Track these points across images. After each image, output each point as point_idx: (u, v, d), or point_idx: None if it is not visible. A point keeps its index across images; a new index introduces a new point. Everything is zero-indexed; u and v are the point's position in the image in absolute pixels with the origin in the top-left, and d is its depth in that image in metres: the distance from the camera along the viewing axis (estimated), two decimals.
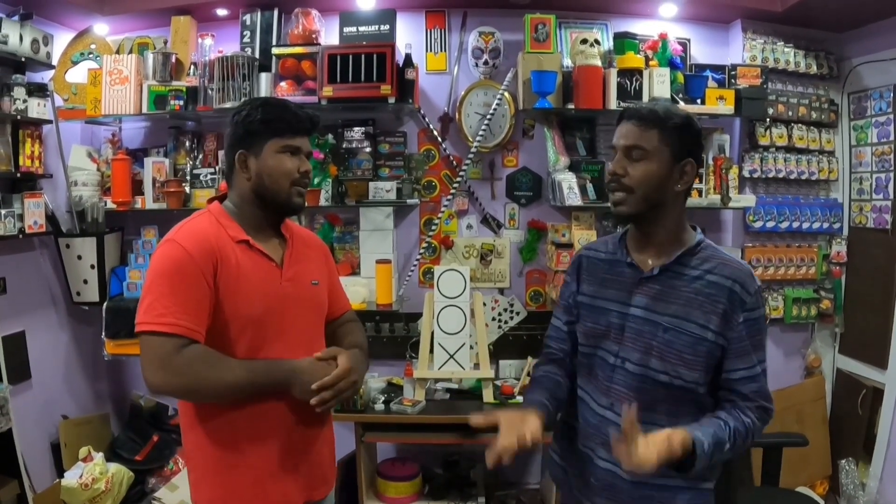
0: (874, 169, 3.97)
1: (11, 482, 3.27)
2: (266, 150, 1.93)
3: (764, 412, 1.80)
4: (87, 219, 3.84)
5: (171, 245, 1.85)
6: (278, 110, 1.94)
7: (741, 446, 1.76)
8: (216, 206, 2.02)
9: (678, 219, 1.88)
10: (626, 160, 1.83)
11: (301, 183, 1.98)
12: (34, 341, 3.72)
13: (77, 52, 3.94)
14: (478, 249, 4.05)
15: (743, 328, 1.77)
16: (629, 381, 1.85)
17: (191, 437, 1.97)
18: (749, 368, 1.78)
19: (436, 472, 3.90)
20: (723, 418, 1.76)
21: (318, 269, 2.14)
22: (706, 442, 1.68)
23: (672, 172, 1.82)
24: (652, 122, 1.80)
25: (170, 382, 1.77)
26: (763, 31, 4.00)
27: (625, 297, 1.90)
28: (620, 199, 1.85)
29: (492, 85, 3.94)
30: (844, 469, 3.91)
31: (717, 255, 1.85)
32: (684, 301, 1.81)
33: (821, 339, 4.23)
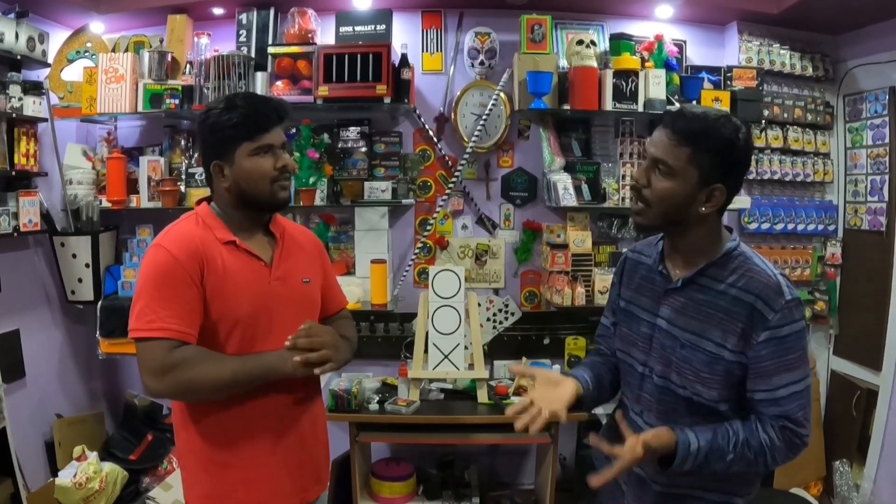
0: (869, 171, 3.97)
1: (5, 481, 3.27)
2: (238, 156, 1.90)
3: (791, 434, 1.67)
4: (82, 217, 3.84)
5: (158, 250, 1.86)
6: (242, 111, 1.89)
7: (753, 461, 1.67)
8: (204, 207, 2.02)
9: (707, 233, 1.77)
10: (650, 171, 1.73)
11: (281, 178, 1.96)
12: (28, 340, 3.71)
13: (73, 51, 3.93)
14: (473, 250, 4.05)
15: (763, 347, 1.65)
16: (654, 391, 1.83)
17: (183, 436, 1.98)
18: (770, 391, 1.66)
19: (430, 472, 3.89)
20: (733, 427, 1.69)
21: (310, 266, 2.13)
22: (693, 444, 1.65)
23: (697, 195, 1.70)
24: (686, 139, 1.67)
25: (167, 385, 1.78)
26: (759, 33, 4.01)
27: (654, 307, 1.85)
28: (638, 209, 1.79)
29: (488, 85, 3.94)
30: (838, 470, 3.91)
31: (746, 265, 1.73)
32: (704, 317, 1.72)
33: (815, 340, 4.23)
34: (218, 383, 1.81)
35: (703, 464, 1.67)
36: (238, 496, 1.93)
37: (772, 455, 1.67)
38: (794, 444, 1.68)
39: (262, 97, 1.98)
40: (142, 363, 1.80)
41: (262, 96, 1.99)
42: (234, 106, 1.90)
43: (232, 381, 1.82)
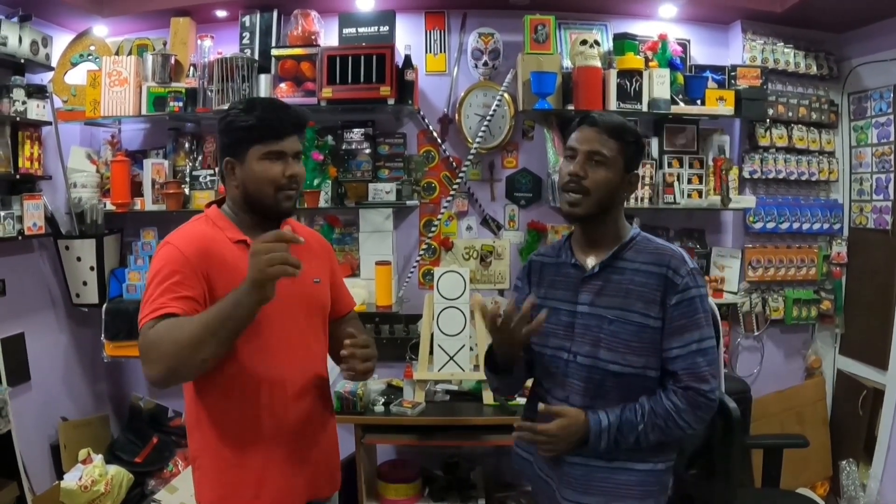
0: (874, 169, 3.96)
1: (11, 484, 3.27)
2: (249, 157, 1.91)
3: (695, 394, 1.87)
4: (87, 220, 3.84)
5: (166, 247, 1.88)
6: (260, 115, 1.91)
7: (664, 427, 1.87)
8: (213, 210, 2.03)
9: (617, 219, 2.03)
10: (586, 164, 1.94)
11: (288, 187, 1.94)
12: (33, 343, 3.71)
13: (76, 54, 3.94)
14: (477, 251, 4.05)
15: (675, 309, 1.89)
16: (581, 373, 1.96)
17: (196, 436, 1.98)
18: (682, 347, 1.89)
19: (436, 473, 3.89)
20: (639, 401, 1.90)
21: (320, 267, 2.13)
22: (604, 421, 1.89)
23: (622, 181, 1.97)
24: (614, 133, 1.94)
25: (156, 368, 1.71)
26: (763, 32, 4.00)
27: (571, 297, 2.02)
28: (576, 200, 1.96)
29: (491, 86, 3.93)
30: (845, 470, 3.91)
31: (650, 245, 1.99)
32: (624, 293, 1.93)
33: (821, 340, 4.23)
34: (193, 339, 1.67)
35: (617, 437, 1.89)
36: (247, 495, 1.94)
37: (680, 417, 1.87)
38: (697, 403, 1.88)
39: (284, 105, 1.98)
40: (139, 353, 1.76)
41: (284, 104, 1.98)
42: (253, 108, 1.92)
43: (204, 330, 1.68)
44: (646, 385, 1.94)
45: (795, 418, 4.04)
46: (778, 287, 4.13)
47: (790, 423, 4.00)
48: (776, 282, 4.10)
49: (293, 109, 1.98)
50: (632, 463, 1.94)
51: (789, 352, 4.21)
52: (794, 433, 3.69)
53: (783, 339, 4.19)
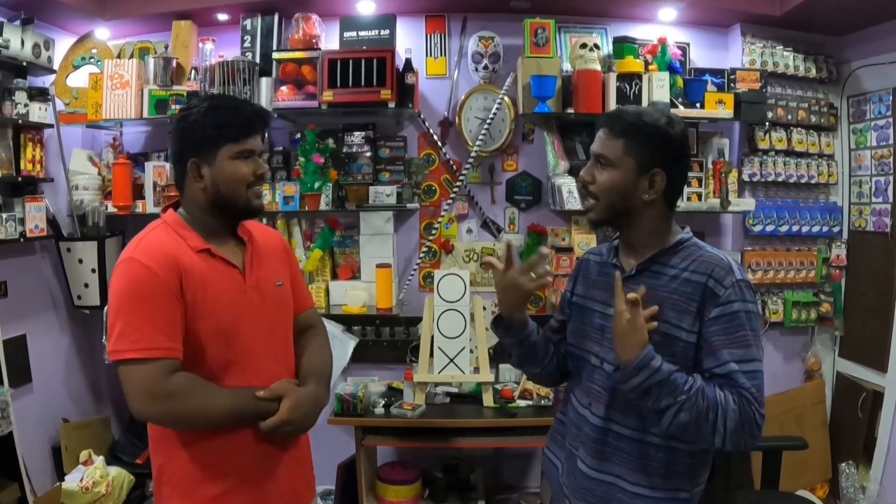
0: (873, 172, 3.97)
1: (12, 485, 3.27)
2: (220, 158, 1.85)
3: (748, 403, 1.62)
4: (88, 223, 3.86)
5: (131, 264, 1.77)
6: (229, 113, 1.86)
7: (705, 416, 1.62)
8: (171, 215, 1.94)
9: (655, 224, 1.85)
10: (594, 168, 1.85)
11: (257, 185, 1.93)
12: (35, 345, 3.73)
13: (78, 57, 3.95)
14: (478, 253, 4.06)
15: (713, 323, 1.69)
16: (606, 382, 1.85)
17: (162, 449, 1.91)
18: (721, 366, 1.67)
19: (436, 475, 3.90)
20: (694, 376, 1.68)
21: (280, 268, 2.08)
22: (656, 362, 1.65)
23: (638, 181, 1.80)
24: (619, 132, 1.80)
25: (159, 411, 1.74)
26: (762, 35, 4.01)
27: (607, 298, 1.89)
28: (589, 206, 1.88)
29: (491, 89, 3.94)
30: (844, 472, 3.91)
31: (697, 252, 1.81)
32: (659, 301, 1.77)
33: (821, 342, 4.24)
34: (214, 417, 1.78)
35: (654, 390, 1.65)
36: None
37: (724, 416, 1.61)
38: (748, 413, 1.62)
39: (245, 101, 1.95)
40: (131, 387, 1.71)
41: (243, 100, 1.96)
42: (219, 106, 1.88)
43: (227, 416, 1.79)
44: None
45: (795, 420, 4.05)
46: (777, 290, 4.13)
47: (789, 425, 4.00)
48: (775, 284, 4.11)
49: (256, 105, 1.96)
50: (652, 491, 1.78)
51: (789, 354, 4.22)
52: (794, 435, 3.69)
53: (783, 341, 4.20)
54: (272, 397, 1.85)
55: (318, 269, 3.94)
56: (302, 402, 1.90)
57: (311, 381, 2.01)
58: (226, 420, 1.81)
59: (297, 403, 1.88)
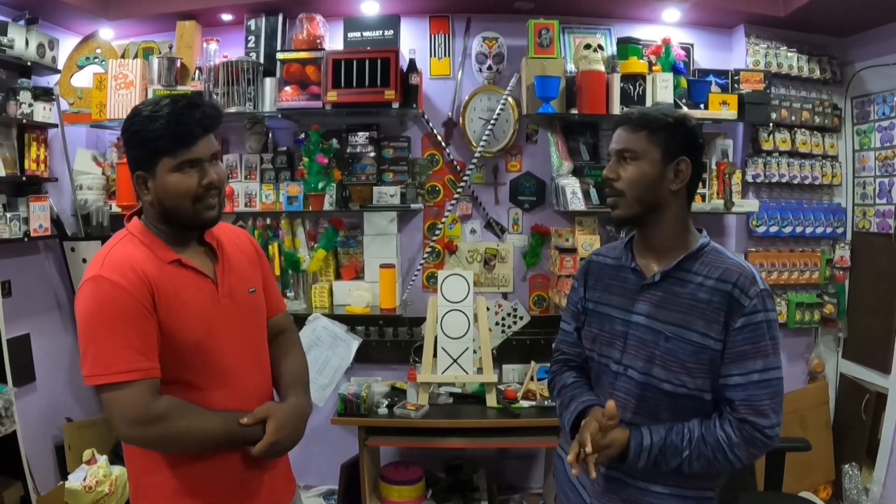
0: (877, 173, 3.97)
1: (15, 484, 3.28)
2: (159, 171, 1.72)
3: (751, 429, 1.71)
4: (92, 222, 3.86)
5: (99, 283, 1.66)
6: (163, 123, 1.70)
7: (712, 458, 1.72)
8: (136, 224, 1.83)
9: (679, 221, 1.86)
10: (618, 164, 1.85)
11: (207, 196, 1.77)
12: (39, 344, 3.74)
13: (82, 57, 3.96)
14: (481, 254, 4.06)
15: (738, 333, 1.72)
16: (632, 389, 1.84)
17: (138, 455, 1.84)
18: (743, 375, 1.72)
19: (439, 476, 3.90)
20: (689, 425, 1.75)
21: (252, 273, 2.01)
22: (647, 441, 1.74)
23: (665, 171, 1.81)
24: (640, 125, 1.81)
25: (147, 436, 1.68)
26: (766, 36, 4.01)
27: (628, 304, 1.88)
28: (614, 202, 1.87)
29: (495, 90, 3.95)
30: (848, 474, 3.90)
31: (720, 258, 1.81)
32: (686, 308, 1.77)
33: (824, 343, 4.23)
34: (202, 441, 1.74)
35: (658, 459, 1.74)
36: None
37: (731, 451, 1.71)
38: (753, 439, 1.71)
39: (191, 103, 1.75)
40: (114, 411, 1.64)
41: (190, 102, 1.75)
42: (157, 115, 1.71)
43: (215, 441, 1.76)
44: (700, 407, 1.79)
45: (798, 422, 4.05)
46: (781, 291, 4.13)
47: (793, 426, 4.00)
48: (779, 285, 4.10)
49: (202, 108, 1.76)
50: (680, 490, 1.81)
51: (792, 355, 4.21)
52: (797, 437, 3.68)
53: (786, 342, 4.19)
54: (256, 422, 1.80)
55: (322, 270, 3.95)
56: (287, 419, 1.85)
57: (292, 394, 1.97)
58: (213, 444, 1.77)
59: (283, 422, 1.83)
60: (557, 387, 2.07)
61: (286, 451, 1.90)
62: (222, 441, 1.77)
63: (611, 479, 1.88)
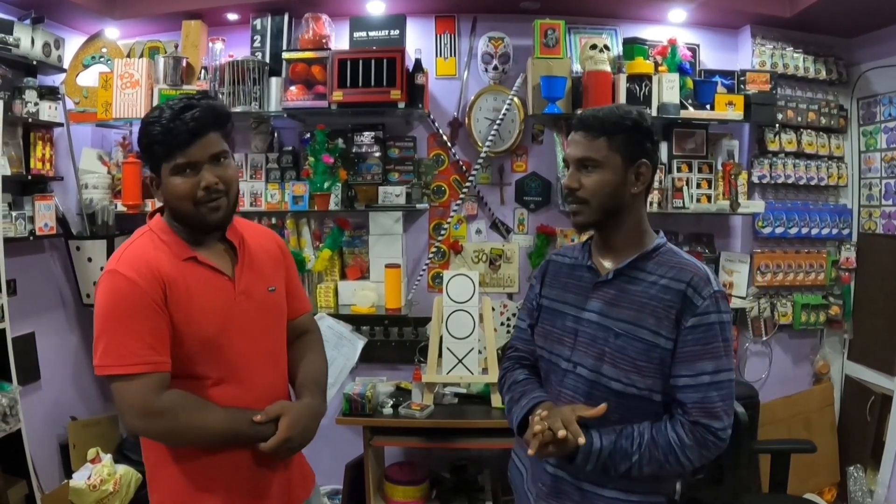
0: (883, 174, 3.96)
1: (20, 482, 3.28)
2: (163, 174, 1.77)
3: (704, 431, 1.70)
4: (98, 221, 3.86)
5: (114, 277, 1.72)
6: (158, 129, 1.73)
7: (664, 461, 1.71)
8: (157, 221, 1.88)
9: (637, 221, 1.87)
10: (579, 173, 1.83)
11: (208, 199, 1.77)
12: (44, 342, 3.74)
13: (88, 56, 3.96)
14: (487, 254, 4.06)
15: (689, 333, 1.72)
16: (580, 387, 1.82)
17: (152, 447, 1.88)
18: (693, 377, 1.71)
19: (443, 476, 3.89)
20: (639, 428, 1.74)
21: (273, 272, 2.01)
22: (596, 444, 1.71)
23: (626, 176, 1.80)
24: (599, 131, 1.79)
25: (151, 427, 1.73)
26: (772, 37, 4.00)
27: (581, 301, 1.88)
28: (576, 209, 1.85)
29: (501, 90, 3.94)
30: (853, 476, 3.90)
31: (675, 258, 1.82)
32: (638, 306, 1.77)
33: (829, 345, 4.22)
34: (207, 437, 1.76)
35: (607, 463, 1.72)
36: None
37: (683, 454, 1.71)
38: (705, 441, 1.71)
39: (185, 105, 1.74)
40: (122, 403, 1.70)
41: (185, 105, 1.74)
42: (154, 121, 1.74)
43: (221, 437, 1.77)
44: (650, 409, 1.78)
45: (803, 423, 4.04)
46: (786, 292, 4.13)
47: (798, 428, 4.00)
48: (785, 287, 4.10)
49: (196, 110, 1.74)
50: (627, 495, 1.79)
51: (797, 357, 4.21)
52: (802, 438, 3.69)
53: (791, 344, 4.19)
54: (269, 419, 1.81)
55: (327, 269, 3.95)
56: (300, 417, 1.86)
57: (307, 394, 1.99)
58: (220, 440, 1.79)
59: (296, 420, 1.84)
60: (508, 383, 2.05)
61: (297, 449, 1.90)
62: (229, 438, 1.79)
63: (558, 480, 1.86)
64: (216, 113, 1.80)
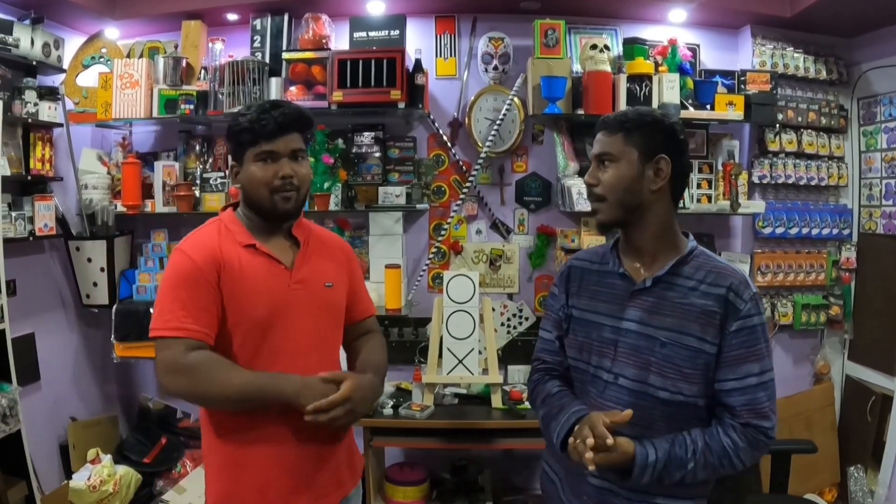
0: (884, 175, 3.96)
1: (20, 483, 3.28)
2: (246, 161, 1.94)
3: (755, 432, 1.71)
4: (97, 222, 3.86)
5: (178, 254, 1.91)
6: (251, 117, 1.92)
7: (718, 465, 1.72)
8: (228, 213, 2.05)
9: (664, 222, 1.83)
10: (597, 169, 1.83)
11: (283, 188, 1.93)
12: (43, 343, 3.74)
13: (88, 56, 3.95)
14: (487, 255, 4.05)
15: (734, 337, 1.71)
16: (623, 398, 1.79)
17: (206, 433, 2.01)
18: (740, 380, 1.71)
19: (444, 476, 3.89)
20: (692, 436, 1.73)
21: (335, 271, 2.11)
22: (651, 456, 1.70)
23: (644, 171, 1.78)
24: (615, 127, 1.81)
25: (178, 385, 1.83)
26: (772, 37, 4.00)
27: (617, 311, 1.84)
28: (596, 207, 1.85)
29: (501, 90, 3.94)
30: (853, 476, 3.90)
31: (711, 262, 1.80)
32: (680, 313, 1.75)
33: (830, 345, 4.22)
34: (229, 394, 1.82)
35: (663, 474, 1.71)
36: (250, 499, 1.95)
37: (737, 456, 1.72)
38: (758, 441, 1.72)
39: (277, 104, 1.96)
40: (158, 361, 1.84)
41: (276, 104, 1.96)
42: (245, 113, 1.95)
43: (238, 395, 1.82)
44: (695, 414, 1.77)
45: (804, 424, 4.04)
46: (787, 292, 4.12)
47: (798, 428, 3.99)
48: (785, 287, 4.10)
49: (285, 109, 1.95)
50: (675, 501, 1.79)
51: (798, 357, 4.21)
52: (803, 439, 3.68)
53: (792, 344, 4.19)
54: (334, 380, 1.90)
55: None
56: (363, 385, 1.95)
57: (370, 372, 2.09)
58: (244, 398, 1.83)
59: (359, 385, 1.92)
60: (541, 396, 2.00)
61: (353, 419, 1.94)
62: (252, 395, 1.84)
63: (602, 492, 1.83)
64: (302, 116, 1.98)
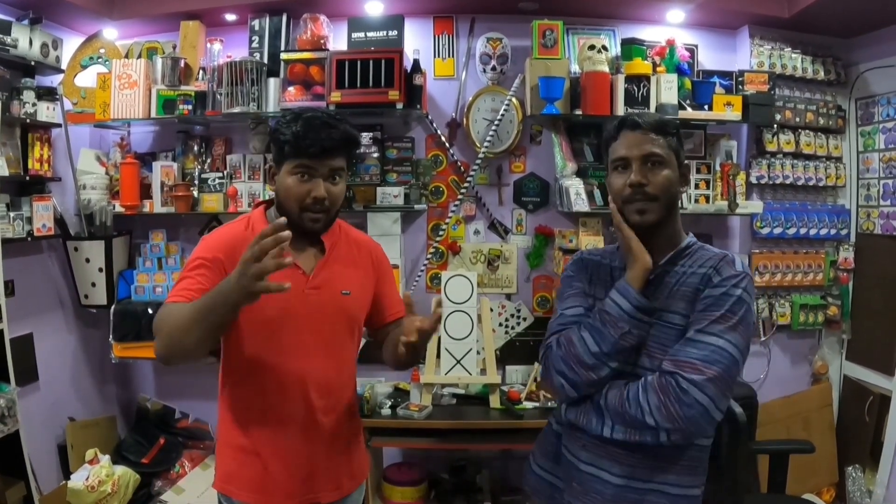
0: (882, 175, 3.96)
1: (18, 483, 3.28)
2: (283, 169, 1.93)
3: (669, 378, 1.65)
4: (96, 222, 3.86)
5: (202, 243, 1.98)
6: (299, 129, 1.87)
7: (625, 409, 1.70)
8: (259, 211, 2.08)
9: (678, 221, 1.91)
10: (645, 170, 1.81)
11: (312, 208, 1.91)
12: (42, 343, 3.74)
13: (86, 57, 3.96)
14: (485, 255, 4.06)
15: (700, 303, 1.73)
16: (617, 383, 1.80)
17: (220, 413, 2.07)
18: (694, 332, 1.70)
19: (442, 477, 3.89)
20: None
21: (358, 277, 2.11)
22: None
23: (679, 177, 1.86)
24: (661, 130, 1.83)
25: (160, 342, 1.78)
26: (770, 37, 4.00)
27: None
28: (644, 207, 1.80)
29: (499, 91, 3.94)
30: (851, 476, 3.90)
31: (707, 252, 1.85)
32: (668, 293, 1.80)
33: (828, 345, 4.22)
34: (182, 324, 1.70)
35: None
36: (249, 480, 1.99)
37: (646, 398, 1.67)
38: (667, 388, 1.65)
39: (325, 124, 1.89)
40: None
41: (325, 122, 1.89)
42: (293, 122, 1.90)
43: (191, 317, 1.68)
44: None
45: (802, 424, 4.04)
46: (785, 292, 4.13)
47: (796, 428, 4.00)
48: (783, 287, 4.10)
49: (333, 131, 1.89)
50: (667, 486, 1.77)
51: (796, 357, 4.21)
52: (801, 439, 3.68)
53: (790, 344, 4.19)
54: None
55: None
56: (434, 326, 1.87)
57: None
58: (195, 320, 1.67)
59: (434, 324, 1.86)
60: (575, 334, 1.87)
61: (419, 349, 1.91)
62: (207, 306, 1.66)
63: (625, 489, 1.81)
64: (349, 141, 1.96)
